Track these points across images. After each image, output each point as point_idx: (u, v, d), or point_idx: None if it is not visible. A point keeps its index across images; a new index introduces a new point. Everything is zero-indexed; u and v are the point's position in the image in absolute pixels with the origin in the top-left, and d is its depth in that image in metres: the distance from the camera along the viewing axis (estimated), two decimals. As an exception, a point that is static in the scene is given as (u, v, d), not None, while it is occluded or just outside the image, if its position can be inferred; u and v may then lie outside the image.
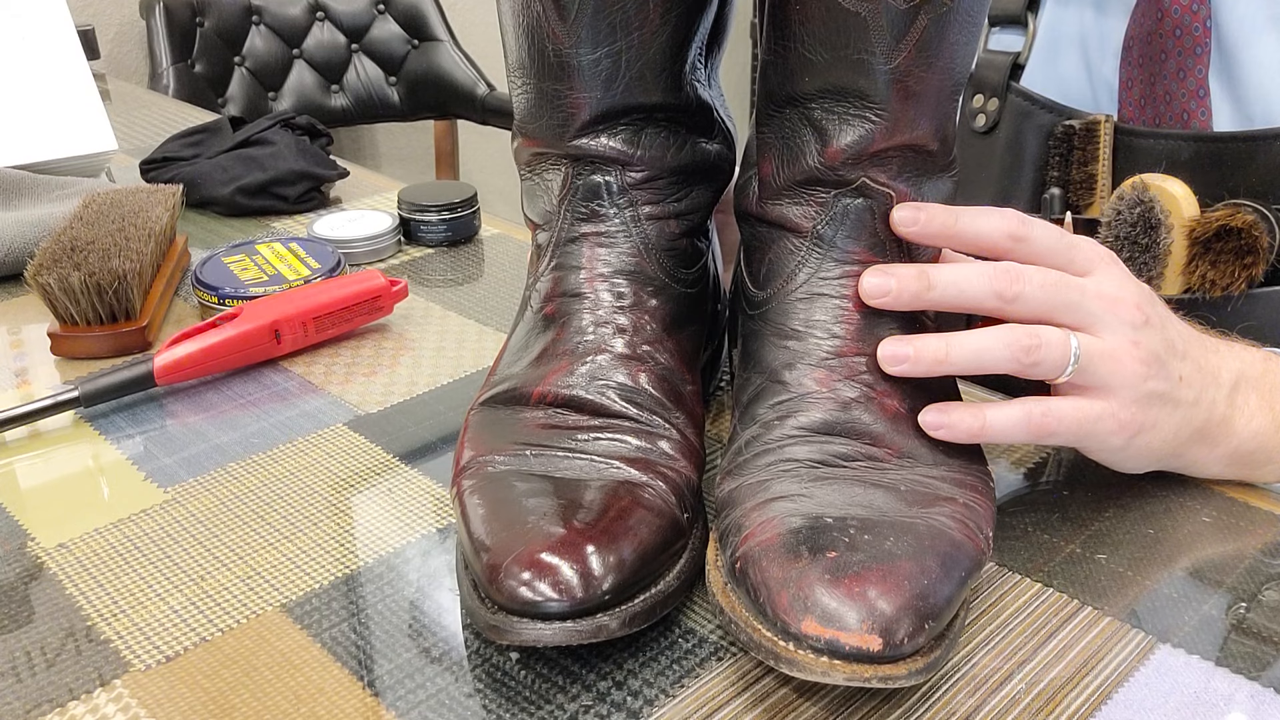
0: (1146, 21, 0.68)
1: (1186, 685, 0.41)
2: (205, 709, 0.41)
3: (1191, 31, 0.66)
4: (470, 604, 0.41)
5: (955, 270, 0.46)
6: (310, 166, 0.92)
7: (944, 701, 0.41)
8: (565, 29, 0.47)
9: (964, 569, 0.40)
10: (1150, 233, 0.66)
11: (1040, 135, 0.73)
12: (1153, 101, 0.68)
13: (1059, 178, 0.72)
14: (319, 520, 0.52)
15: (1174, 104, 0.67)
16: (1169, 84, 0.67)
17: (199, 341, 0.63)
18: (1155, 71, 0.68)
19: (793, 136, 0.48)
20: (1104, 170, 0.69)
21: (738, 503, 0.43)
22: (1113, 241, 0.68)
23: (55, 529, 0.51)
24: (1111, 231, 0.68)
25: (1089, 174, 0.70)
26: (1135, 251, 0.67)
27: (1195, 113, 0.67)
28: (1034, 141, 0.73)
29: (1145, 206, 0.66)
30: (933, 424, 0.45)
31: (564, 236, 0.51)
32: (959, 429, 0.45)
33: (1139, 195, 0.66)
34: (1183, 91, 0.67)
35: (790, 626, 0.37)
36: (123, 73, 1.89)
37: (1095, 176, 0.70)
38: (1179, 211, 0.65)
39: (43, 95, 0.96)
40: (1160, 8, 0.67)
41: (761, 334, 0.49)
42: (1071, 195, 0.71)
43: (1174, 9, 0.66)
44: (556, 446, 0.46)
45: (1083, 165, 0.70)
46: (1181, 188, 0.66)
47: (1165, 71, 0.67)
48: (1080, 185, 0.71)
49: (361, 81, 1.99)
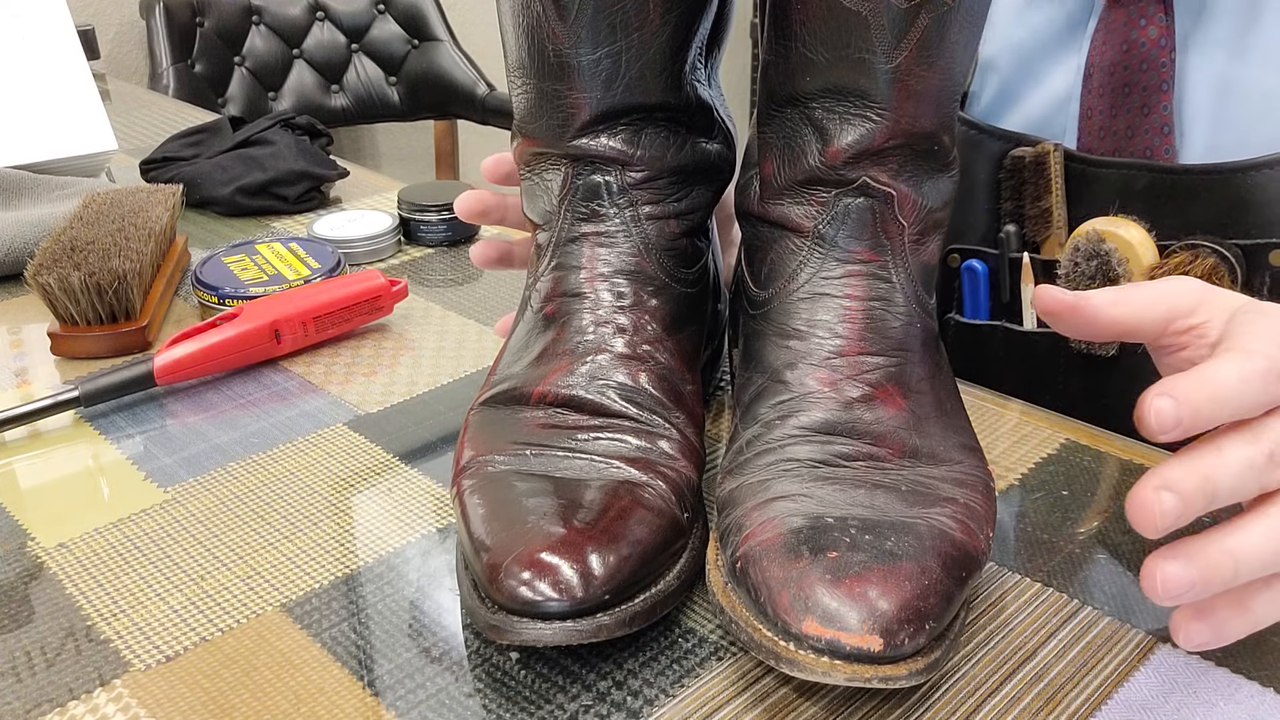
0: (1109, 51, 0.65)
1: (1186, 685, 0.41)
2: (205, 709, 0.41)
3: (1158, 66, 0.64)
4: (470, 604, 0.41)
5: (1225, 467, 0.38)
6: (310, 166, 0.92)
7: (944, 701, 0.41)
8: (565, 29, 0.47)
9: (965, 569, 0.40)
10: (1109, 284, 0.63)
11: (990, 165, 0.70)
12: (1113, 134, 0.66)
13: (1013, 211, 0.69)
14: (319, 520, 0.52)
15: (1136, 139, 0.65)
16: (1132, 117, 0.65)
17: (199, 341, 0.63)
18: (1117, 103, 0.65)
19: (794, 136, 0.48)
20: (1058, 203, 0.67)
21: (738, 502, 0.43)
22: None
23: (55, 529, 0.51)
24: (1069, 283, 0.66)
25: (1044, 209, 0.67)
26: None
27: (1159, 149, 0.65)
28: (984, 172, 0.71)
29: (1101, 260, 0.64)
30: (1200, 639, 0.39)
31: (564, 236, 0.51)
32: (1228, 635, 0.39)
33: (1094, 247, 0.64)
34: (1146, 127, 0.65)
35: (791, 626, 0.37)
36: (123, 73, 1.89)
37: (1050, 210, 0.67)
38: (1137, 259, 0.63)
39: (43, 95, 0.96)
40: (1126, 39, 0.64)
41: (763, 334, 0.49)
42: (1027, 231, 0.69)
43: (1141, 41, 0.64)
44: (556, 446, 0.46)
45: (1035, 200, 0.68)
46: (1139, 232, 0.63)
47: (1129, 104, 0.65)
48: (1035, 220, 0.68)
49: (361, 81, 1.99)
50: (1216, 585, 0.38)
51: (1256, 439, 0.38)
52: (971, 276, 0.72)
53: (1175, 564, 0.37)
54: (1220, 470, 0.38)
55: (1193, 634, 0.39)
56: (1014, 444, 0.57)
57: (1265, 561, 0.38)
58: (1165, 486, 0.37)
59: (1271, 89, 0.62)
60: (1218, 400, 0.38)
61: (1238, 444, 0.38)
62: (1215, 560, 0.37)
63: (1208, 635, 0.39)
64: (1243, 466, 0.38)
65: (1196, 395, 0.38)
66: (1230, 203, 0.62)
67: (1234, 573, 0.37)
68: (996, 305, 0.72)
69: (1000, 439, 0.58)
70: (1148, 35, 0.64)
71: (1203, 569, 0.37)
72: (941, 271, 0.73)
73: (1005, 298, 0.71)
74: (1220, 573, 0.37)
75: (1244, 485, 0.38)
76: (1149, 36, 0.64)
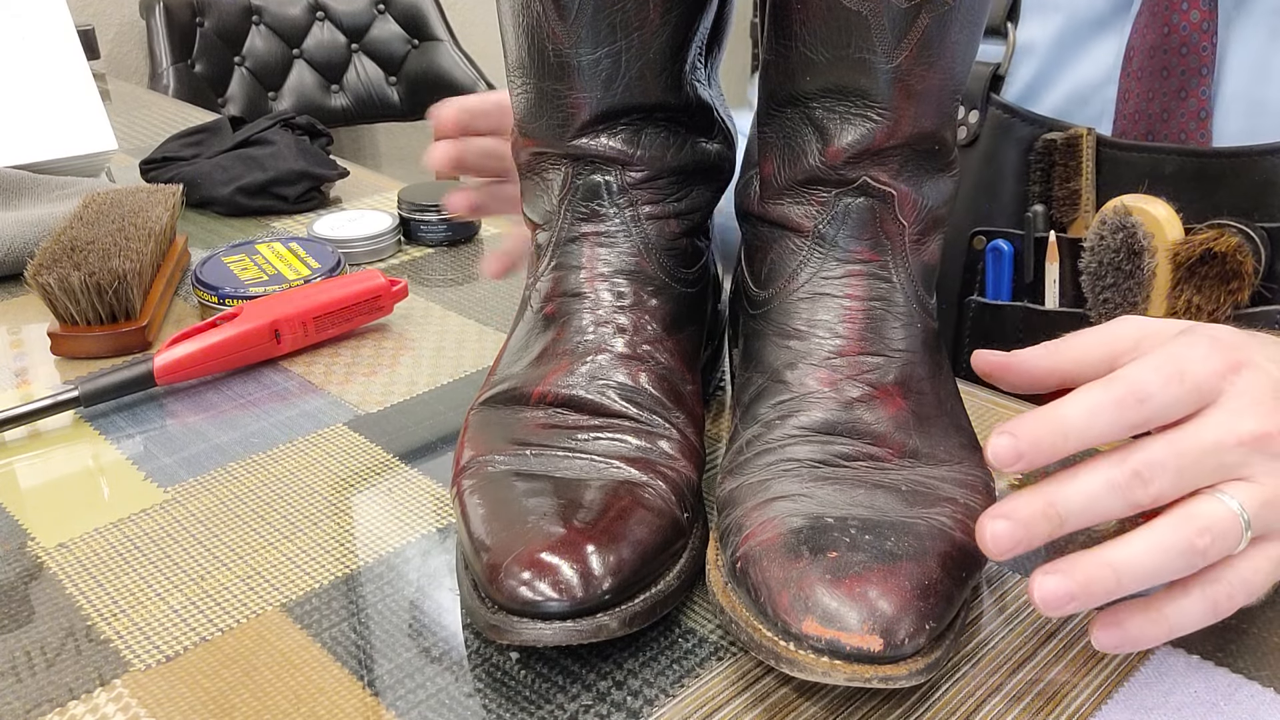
0: (1150, 34, 0.66)
1: (1186, 685, 0.41)
2: (205, 709, 0.41)
3: (1199, 50, 0.64)
4: (470, 604, 0.41)
5: (1077, 490, 0.39)
6: (310, 166, 0.92)
7: (944, 701, 0.41)
8: (565, 29, 0.47)
9: (965, 569, 0.40)
10: (1134, 259, 0.64)
11: (1020, 149, 0.71)
12: (1147, 117, 0.67)
13: (1041, 193, 0.70)
14: (319, 520, 0.52)
15: (1171, 122, 0.66)
16: (1168, 101, 0.65)
17: (199, 341, 0.63)
18: (1154, 87, 0.66)
19: (794, 136, 0.48)
20: (1088, 186, 0.67)
21: (738, 502, 0.43)
22: (1096, 267, 0.66)
23: (55, 529, 0.51)
24: (1095, 257, 0.66)
25: (1072, 190, 0.68)
26: (1119, 277, 0.66)
27: (1194, 134, 0.65)
28: (1014, 155, 0.71)
29: (1128, 232, 0.64)
30: (1110, 643, 0.40)
31: (564, 236, 0.51)
32: (1142, 640, 0.40)
33: (1121, 220, 0.65)
34: (1182, 111, 0.65)
35: (791, 626, 0.37)
36: (123, 73, 1.89)
37: (1079, 192, 0.68)
38: (1162, 234, 0.64)
39: (43, 95, 0.96)
40: (1168, 23, 0.65)
41: (763, 334, 0.49)
42: (1055, 212, 0.70)
43: (1182, 25, 0.64)
44: (556, 446, 0.46)
45: (1065, 181, 0.68)
46: (1165, 209, 0.64)
47: (1166, 88, 0.65)
48: (1064, 202, 0.69)
49: (361, 81, 1.99)
50: (1100, 596, 0.38)
51: (1122, 461, 0.39)
52: (996, 256, 0.73)
53: (1053, 578, 0.38)
54: (1067, 495, 0.39)
55: (1101, 639, 0.40)
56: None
57: (1147, 572, 0.38)
58: (1002, 515, 0.38)
59: None
60: (1060, 433, 0.39)
61: (1098, 467, 0.39)
62: (1094, 573, 0.38)
63: (1117, 639, 0.40)
64: (1101, 488, 0.39)
65: (1037, 430, 0.39)
66: (1257, 186, 0.62)
67: (1116, 583, 0.38)
68: (1019, 285, 0.73)
69: (1000, 439, 0.58)
70: (1189, 19, 0.64)
71: (1082, 581, 0.38)
72: (966, 254, 0.73)
73: (1029, 278, 0.72)
74: (1101, 584, 0.38)
75: (1103, 506, 0.39)
76: (1191, 20, 0.64)
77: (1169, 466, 0.39)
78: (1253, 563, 0.40)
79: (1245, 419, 0.40)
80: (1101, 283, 0.66)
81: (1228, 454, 0.40)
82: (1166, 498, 0.39)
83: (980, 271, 0.74)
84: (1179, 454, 0.39)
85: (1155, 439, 0.40)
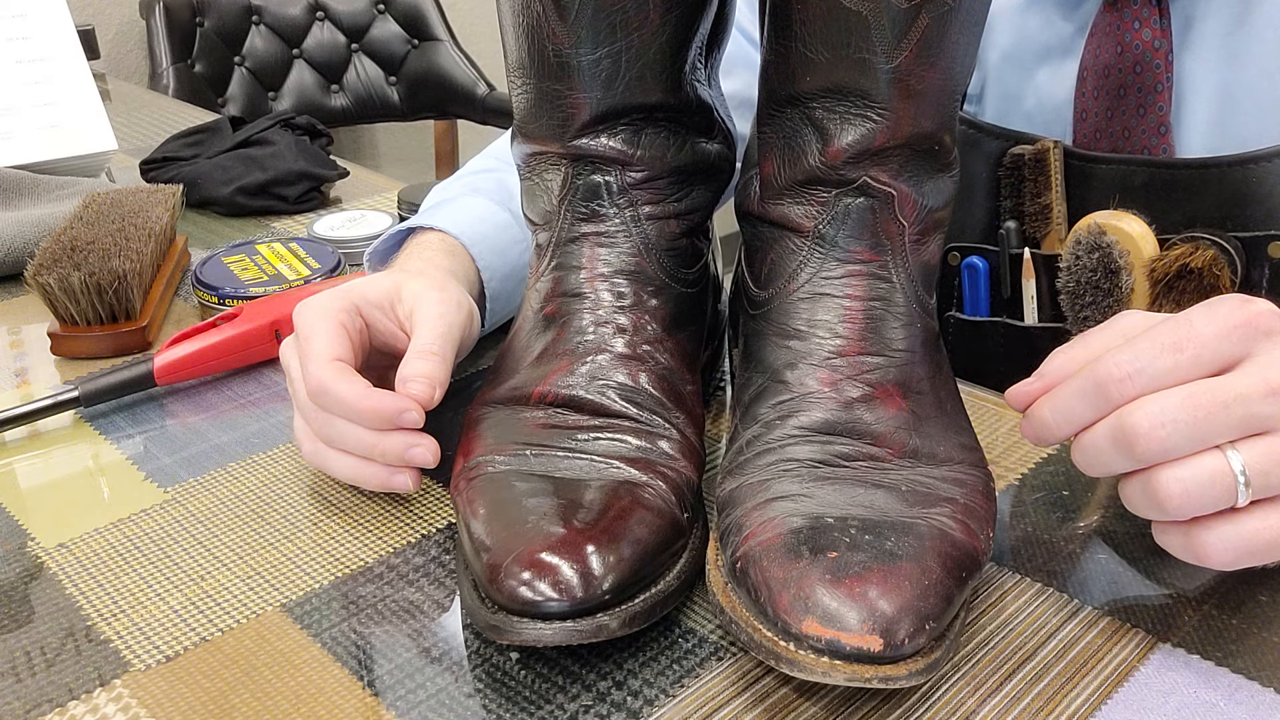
0: (1104, 54, 0.66)
1: (1186, 685, 0.41)
2: (205, 709, 0.41)
3: (1153, 68, 0.64)
4: (470, 604, 0.41)
5: (1075, 445, 0.43)
6: (310, 166, 0.92)
7: (944, 701, 0.41)
8: (565, 29, 0.47)
9: (965, 569, 0.40)
10: (1111, 277, 0.64)
11: (989, 163, 0.70)
12: (1109, 135, 0.66)
13: (1012, 208, 0.70)
14: (319, 520, 0.52)
15: (1132, 139, 0.65)
16: (1128, 119, 0.65)
17: (199, 341, 0.63)
18: (1113, 105, 0.66)
19: (794, 136, 0.48)
20: (1058, 199, 0.67)
21: (738, 502, 0.43)
22: (1074, 286, 0.66)
23: (55, 529, 0.51)
24: (1072, 277, 0.66)
25: (1043, 205, 0.68)
26: (1098, 295, 0.65)
27: (1156, 149, 0.65)
28: (983, 170, 0.71)
29: (1103, 251, 0.64)
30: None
31: (564, 236, 0.51)
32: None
33: (1095, 240, 0.64)
34: (1142, 127, 0.65)
35: (791, 627, 0.37)
36: (123, 73, 1.89)
37: (1050, 206, 0.67)
38: (1138, 251, 0.64)
39: (43, 95, 0.96)
40: (1120, 42, 0.64)
41: (763, 334, 0.49)
42: (1027, 227, 0.69)
43: (1135, 44, 0.64)
44: (556, 446, 0.46)
45: (1036, 196, 0.68)
46: (1139, 225, 0.64)
47: (1124, 106, 0.65)
48: (1035, 217, 0.68)
49: (361, 81, 1.99)
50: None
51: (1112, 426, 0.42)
52: (972, 273, 0.72)
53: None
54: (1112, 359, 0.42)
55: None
56: (1014, 444, 0.57)
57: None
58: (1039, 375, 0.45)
59: (1269, 100, 0.62)
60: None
61: (1096, 429, 0.43)
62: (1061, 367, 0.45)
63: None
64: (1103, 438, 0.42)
65: (1067, 363, 0.45)
66: (1229, 196, 0.62)
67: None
68: (997, 301, 0.72)
69: (1000, 439, 0.58)
70: (1141, 38, 0.64)
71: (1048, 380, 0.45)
72: (941, 270, 0.73)
73: (1006, 294, 0.71)
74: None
75: (1108, 461, 0.42)
76: (1143, 39, 0.64)
77: (1166, 418, 0.40)
78: (1268, 517, 0.40)
79: (1272, 367, 0.40)
80: (1080, 301, 0.66)
81: (1244, 406, 0.39)
82: (1177, 452, 0.40)
83: (957, 287, 0.74)
84: (1180, 405, 0.40)
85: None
